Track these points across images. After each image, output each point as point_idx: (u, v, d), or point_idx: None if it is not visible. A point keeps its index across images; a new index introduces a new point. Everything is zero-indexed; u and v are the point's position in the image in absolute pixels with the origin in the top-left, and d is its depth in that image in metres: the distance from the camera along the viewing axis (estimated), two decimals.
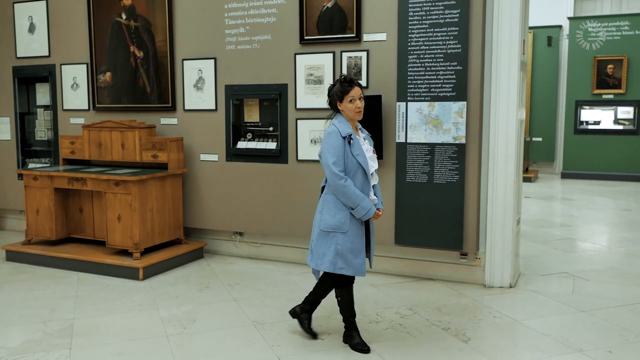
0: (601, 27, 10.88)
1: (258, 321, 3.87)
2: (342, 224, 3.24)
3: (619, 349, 3.40)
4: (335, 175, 3.19)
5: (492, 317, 3.93)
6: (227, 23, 5.20)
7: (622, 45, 10.74)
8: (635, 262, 5.33)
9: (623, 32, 10.76)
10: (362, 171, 3.24)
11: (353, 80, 3.30)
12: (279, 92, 5.05)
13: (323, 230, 3.30)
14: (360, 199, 3.19)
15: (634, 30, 10.69)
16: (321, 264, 3.31)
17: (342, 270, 3.26)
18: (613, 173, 10.82)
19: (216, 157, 5.37)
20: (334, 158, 3.20)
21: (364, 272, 3.31)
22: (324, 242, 3.30)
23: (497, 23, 4.37)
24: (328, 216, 3.29)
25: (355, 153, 3.23)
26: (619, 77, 10.77)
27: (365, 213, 3.21)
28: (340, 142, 3.22)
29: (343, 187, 3.19)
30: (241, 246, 5.51)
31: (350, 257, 3.25)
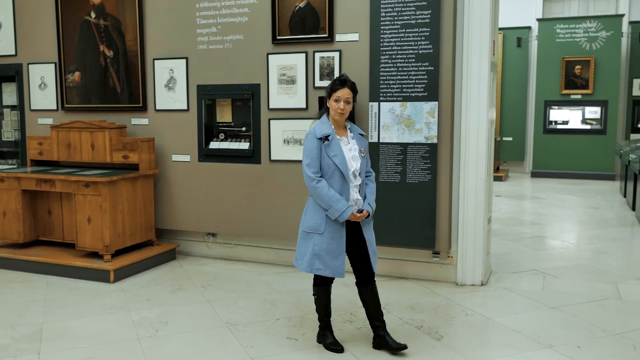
0: (569, 28, 11.10)
1: (231, 322, 3.84)
2: (319, 225, 3.24)
3: (588, 344, 3.46)
4: (307, 177, 3.21)
5: (464, 315, 3.97)
6: (198, 22, 5.16)
7: (589, 47, 10.96)
8: (603, 259, 5.45)
9: (590, 33, 10.99)
10: (339, 172, 3.20)
11: (346, 81, 3.26)
12: (251, 92, 5.03)
13: (304, 231, 3.33)
14: (334, 201, 3.16)
15: (600, 31, 10.92)
16: (300, 264, 3.33)
17: (320, 271, 3.26)
18: (581, 172, 11.04)
19: (188, 157, 5.33)
20: (308, 159, 3.21)
21: (342, 273, 3.26)
22: (304, 243, 3.32)
23: (468, 24, 4.42)
24: (308, 217, 3.31)
25: (331, 154, 3.20)
26: (587, 77, 10.99)
27: (340, 215, 3.17)
28: (315, 143, 3.21)
29: (315, 189, 3.20)
30: (214, 247, 5.47)
31: (327, 258, 3.23)
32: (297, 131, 4.89)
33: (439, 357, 3.32)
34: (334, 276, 3.29)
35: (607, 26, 10.88)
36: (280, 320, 3.87)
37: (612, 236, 6.37)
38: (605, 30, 10.87)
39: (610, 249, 5.79)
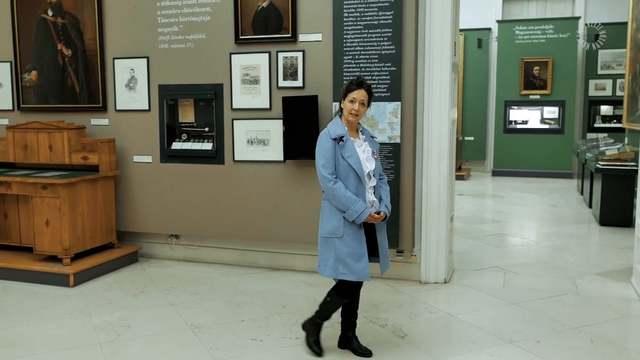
0: (527, 30, 11.34)
1: (195, 325, 3.80)
2: (337, 229, 3.15)
3: (547, 339, 3.54)
4: (324, 178, 3.12)
5: (427, 313, 4.02)
6: (159, 21, 5.09)
7: (547, 48, 11.23)
8: (561, 255, 5.58)
9: (548, 35, 11.25)
10: (354, 173, 3.13)
11: (363, 83, 3.18)
12: (214, 92, 4.99)
13: (323, 237, 3.21)
14: (351, 202, 3.08)
15: (557, 33, 11.20)
16: (324, 270, 3.21)
17: (344, 276, 3.14)
18: (540, 170, 11.30)
19: (150, 158, 5.25)
20: (323, 160, 3.13)
21: (367, 276, 3.15)
22: (325, 249, 3.21)
23: (429, 25, 4.47)
24: (325, 221, 3.20)
25: (345, 155, 3.12)
26: (545, 78, 11.25)
27: (358, 216, 3.09)
28: (330, 144, 3.13)
29: (332, 190, 3.11)
30: (177, 249, 5.40)
31: (350, 262, 3.12)
32: (261, 131, 4.87)
33: (403, 355, 3.35)
34: (359, 280, 3.17)
35: (563, 28, 11.16)
36: (245, 322, 3.85)
37: (569, 233, 6.53)
38: (561, 32, 11.15)
39: (568, 246, 5.94)
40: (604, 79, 11.34)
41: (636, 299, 4.28)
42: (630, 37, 7.97)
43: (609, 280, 4.75)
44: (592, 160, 7.18)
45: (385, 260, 3.28)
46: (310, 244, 4.89)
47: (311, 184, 4.77)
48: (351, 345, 3.36)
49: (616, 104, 11.09)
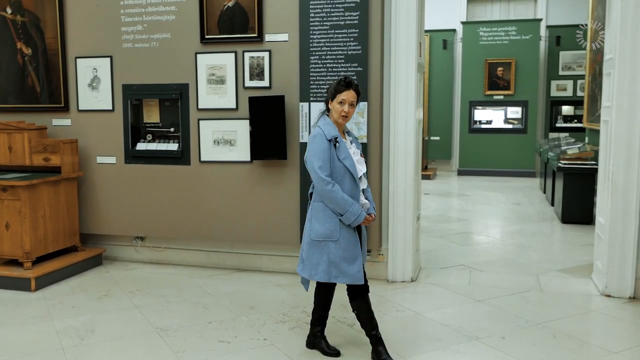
0: (491, 31, 11.53)
1: (162, 328, 3.75)
2: (333, 232, 3.09)
3: (511, 335, 3.61)
4: (322, 181, 3.04)
5: (395, 311, 4.05)
6: (123, 20, 5.01)
7: (510, 49, 11.44)
8: (525, 252, 5.69)
9: (511, 36, 11.46)
10: (349, 175, 3.09)
11: (351, 83, 3.13)
12: (179, 92, 4.93)
13: (314, 240, 3.14)
14: (349, 204, 3.04)
15: (520, 35, 11.41)
16: (315, 274, 3.16)
17: (338, 280, 3.13)
18: (504, 169, 11.50)
19: (114, 159, 5.16)
20: (320, 162, 3.05)
21: (361, 279, 3.12)
22: (316, 252, 3.14)
23: (395, 26, 4.50)
24: (318, 224, 3.13)
25: (341, 157, 3.07)
26: (508, 79, 11.46)
27: (355, 219, 3.06)
28: (326, 145, 3.06)
29: (330, 193, 3.03)
30: (143, 251, 5.33)
31: (344, 266, 3.10)
32: (228, 132, 4.83)
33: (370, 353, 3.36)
34: (353, 283, 3.14)
35: (526, 30, 11.38)
36: (212, 324, 3.81)
37: (533, 231, 6.67)
38: (524, 34, 11.37)
39: (532, 243, 6.05)
40: (565, 79, 11.61)
41: (597, 294, 4.39)
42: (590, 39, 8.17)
43: (570, 276, 4.86)
44: (554, 159, 7.34)
45: (365, 258, 3.34)
46: (278, 244, 4.89)
47: (278, 185, 4.76)
48: (320, 345, 3.36)
49: (577, 104, 11.37)
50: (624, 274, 4.27)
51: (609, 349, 3.40)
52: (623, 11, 4.13)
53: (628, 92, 4.15)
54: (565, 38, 11.37)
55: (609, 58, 4.40)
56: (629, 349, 3.40)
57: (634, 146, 4.17)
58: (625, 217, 4.24)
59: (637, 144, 4.16)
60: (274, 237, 4.83)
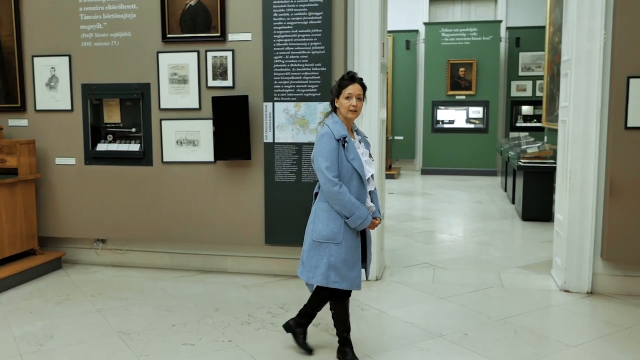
0: (453, 32, 11.70)
1: (124, 331, 3.68)
2: (336, 234, 3.00)
3: (474, 331, 3.66)
4: (329, 181, 2.94)
5: (360, 310, 4.07)
6: (82, 18, 4.90)
7: (472, 50, 11.63)
8: (487, 250, 5.79)
9: (472, 37, 11.65)
10: (357, 177, 2.99)
11: (355, 77, 3.05)
12: (141, 91, 4.85)
13: (315, 241, 3.05)
14: (356, 207, 2.95)
15: (481, 36, 11.61)
16: (313, 277, 3.06)
17: (336, 284, 3.02)
18: (466, 168, 11.68)
19: (73, 160, 5.04)
20: (327, 162, 2.95)
21: (359, 285, 3.06)
22: (316, 254, 3.05)
23: (358, 26, 4.52)
24: (321, 225, 3.03)
25: (350, 157, 2.97)
26: (470, 79, 11.64)
27: (361, 222, 2.97)
28: (334, 145, 2.96)
29: (337, 194, 2.93)
30: (104, 254, 5.22)
31: (344, 270, 3.00)
32: (191, 132, 4.78)
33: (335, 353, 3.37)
34: (351, 289, 3.07)
35: (487, 31, 11.59)
36: (176, 326, 3.76)
37: (494, 228, 6.79)
38: (484, 35, 11.57)
39: (493, 241, 6.16)
40: (525, 80, 11.86)
41: (556, 289, 4.49)
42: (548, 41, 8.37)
43: (531, 272, 4.96)
44: (515, 158, 7.48)
45: (370, 262, 3.24)
46: (242, 245, 4.86)
47: (243, 185, 4.73)
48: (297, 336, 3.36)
49: (536, 104, 11.62)
50: (582, 270, 4.38)
51: (567, 343, 3.48)
52: (579, 13, 4.24)
53: (584, 92, 4.26)
54: (524, 39, 11.62)
55: (566, 59, 4.51)
56: (587, 343, 3.49)
57: (590, 145, 4.28)
58: (583, 214, 4.35)
59: (594, 143, 4.27)
60: (238, 237, 4.80)
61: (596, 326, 3.79)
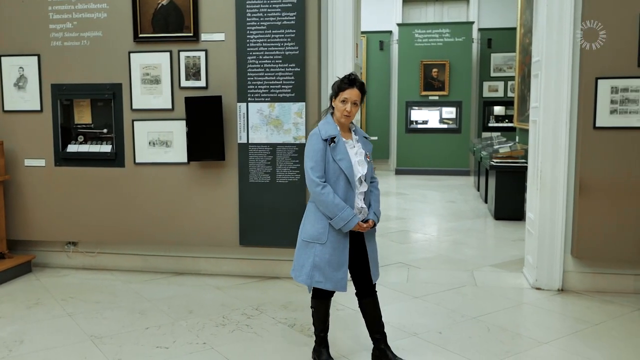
0: (426, 33, 11.80)
1: (96, 335, 3.63)
2: (321, 234, 2.98)
3: (448, 329, 3.70)
4: (312, 182, 2.93)
5: (335, 310, 4.06)
6: (51, 17, 4.82)
7: (444, 51, 11.74)
8: (460, 249, 5.85)
9: (445, 38, 11.76)
10: (344, 177, 2.95)
11: (355, 81, 3.00)
12: (112, 92, 4.79)
13: (304, 240, 3.05)
14: (339, 209, 2.91)
15: (454, 37, 11.73)
16: (299, 275, 3.05)
17: (320, 284, 3.01)
18: (440, 168, 11.79)
19: (43, 162, 4.95)
20: (312, 163, 2.94)
21: (344, 287, 3.02)
22: (303, 253, 3.05)
23: (332, 27, 4.53)
24: (309, 225, 3.03)
25: (337, 158, 2.94)
26: (443, 80, 11.75)
27: (345, 224, 2.92)
28: (320, 145, 2.95)
29: (320, 195, 2.92)
30: (75, 257, 5.14)
31: (328, 271, 2.98)
32: (164, 132, 4.73)
33: (310, 353, 3.37)
34: (334, 290, 3.05)
35: (459, 32, 11.71)
36: (149, 329, 3.72)
37: (467, 227, 6.86)
38: (457, 36, 11.69)
39: (466, 240, 6.23)
40: (497, 81, 12.01)
41: (528, 287, 4.56)
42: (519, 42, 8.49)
43: (503, 271, 5.03)
44: (487, 158, 7.58)
45: (375, 268, 3.16)
46: (216, 246, 4.83)
47: (216, 186, 4.70)
48: (385, 357, 3.17)
49: (508, 105, 11.78)
50: (553, 268, 4.45)
51: (539, 340, 3.54)
52: (549, 16, 4.31)
53: (554, 93, 4.34)
54: (496, 40, 11.77)
55: (537, 60, 4.58)
56: (558, 339, 3.55)
57: (560, 145, 4.35)
58: (553, 213, 4.42)
59: (564, 143, 4.35)
60: (212, 239, 4.77)
61: (567, 323, 3.86)
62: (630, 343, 3.50)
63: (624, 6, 4.13)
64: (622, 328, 3.73)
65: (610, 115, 4.21)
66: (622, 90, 4.19)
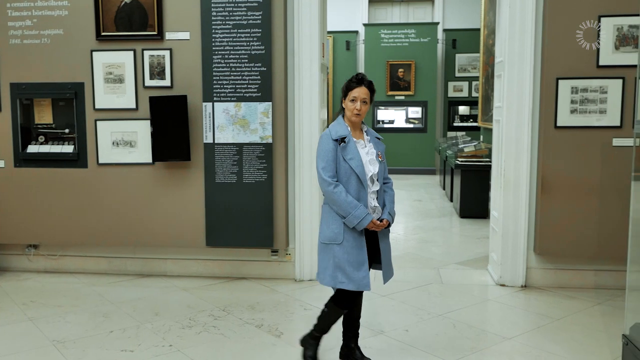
0: (392, 33, 11.89)
1: (59, 340, 3.55)
2: (337, 235, 2.97)
3: (415, 327, 3.74)
4: (323, 181, 2.95)
5: (303, 310, 4.07)
6: (10, 14, 4.69)
7: (410, 51, 11.85)
8: (427, 247, 5.91)
9: (410, 39, 11.87)
10: (356, 177, 2.95)
11: (363, 80, 3.04)
12: (74, 91, 4.69)
13: (322, 243, 3.04)
14: (352, 207, 2.91)
15: (419, 37, 11.85)
16: (323, 278, 3.03)
17: (343, 285, 2.96)
18: (406, 167, 11.88)
19: (2, 163, 4.82)
20: (323, 163, 2.95)
21: (367, 286, 2.98)
22: (324, 256, 3.03)
23: (298, 27, 4.53)
24: (325, 227, 3.02)
25: (347, 157, 2.95)
26: (409, 80, 11.86)
27: (359, 222, 2.91)
28: (331, 145, 2.96)
29: (332, 194, 2.93)
30: (36, 260, 5.02)
31: (349, 270, 2.95)
32: (128, 132, 4.66)
33: (278, 354, 3.37)
34: (358, 289, 2.99)
35: (424, 33, 11.83)
36: (114, 333, 3.66)
37: (434, 226, 6.94)
38: (422, 37, 11.81)
39: (433, 238, 6.30)
40: (461, 81, 12.17)
41: (492, 284, 4.63)
42: (483, 43, 8.63)
43: (468, 268, 5.10)
44: (452, 157, 7.68)
45: (387, 268, 3.15)
46: (183, 247, 4.78)
47: (182, 186, 4.65)
48: (353, 356, 3.19)
49: (472, 105, 11.96)
50: (517, 264, 4.54)
51: (503, 336, 3.60)
52: (511, 17, 4.39)
53: (517, 93, 4.42)
54: (460, 41, 11.93)
55: (499, 61, 4.66)
56: (522, 334, 3.62)
57: (522, 143, 4.44)
58: (516, 210, 4.50)
59: (526, 142, 4.43)
60: (179, 240, 4.72)
61: (530, 318, 3.93)
62: (590, 337, 3.59)
63: (584, 8, 4.23)
64: (583, 322, 3.82)
65: (570, 115, 4.31)
66: (582, 90, 4.29)
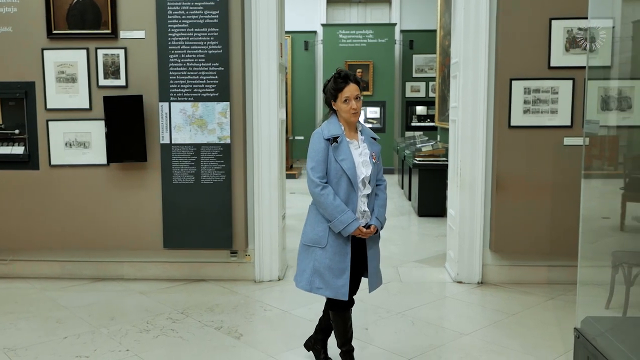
0: (350, 34, 11.96)
1: (10, 347, 3.44)
2: (321, 238, 2.86)
3: (374, 325, 3.76)
4: (311, 182, 2.83)
5: (262, 311, 4.06)
6: None
7: (368, 52, 11.93)
8: (386, 245, 5.92)
9: (368, 39, 11.96)
10: (346, 178, 2.82)
11: (349, 76, 2.89)
12: (24, 90, 4.55)
13: (304, 244, 2.94)
14: (339, 212, 2.78)
15: (377, 38, 11.94)
16: (300, 281, 2.93)
17: (320, 291, 2.86)
18: None
19: None
20: (313, 163, 2.83)
21: (345, 295, 2.84)
22: (304, 258, 2.93)
23: (256, 26, 4.51)
24: (309, 228, 2.93)
25: (339, 158, 2.82)
26: (367, 80, 11.94)
27: (344, 228, 2.79)
28: (322, 145, 2.84)
29: (319, 196, 2.81)
30: None
31: (328, 277, 2.83)
32: (81, 133, 4.55)
33: (238, 355, 3.34)
34: (335, 297, 2.87)
35: (382, 34, 11.94)
36: (68, 339, 3.56)
37: (392, 225, 6.99)
38: (380, 38, 11.92)
39: (391, 236, 6.35)
40: (419, 81, 12.32)
41: (450, 281, 4.71)
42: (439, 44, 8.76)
43: (427, 266, 5.17)
44: (410, 156, 7.77)
45: (374, 276, 3.01)
46: (139, 250, 4.70)
47: (138, 188, 4.57)
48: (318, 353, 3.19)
49: (429, 105, 12.11)
50: (473, 262, 4.62)
51: (461, 332, 3.66)
52: (466, 19, 4.47)
53: (472, 93, 4.50)
54: (417, 42, 12.08)
55: (455, 62, 4.74)
56: (479, 330, 3.69)
57: (478, 143, 4.52)
58: (473, 209, 4.59)
59: (481, 141, 4.52)
60: (135, 242, 4.63)
61: (486, 314, 4.01)
62: (544, 331, 3.68)
63: (536, 10, 4.34)
64: (537, 317, 3.92)
65: (523, 115, 4.42)
66: (534, 90, 4.40)
